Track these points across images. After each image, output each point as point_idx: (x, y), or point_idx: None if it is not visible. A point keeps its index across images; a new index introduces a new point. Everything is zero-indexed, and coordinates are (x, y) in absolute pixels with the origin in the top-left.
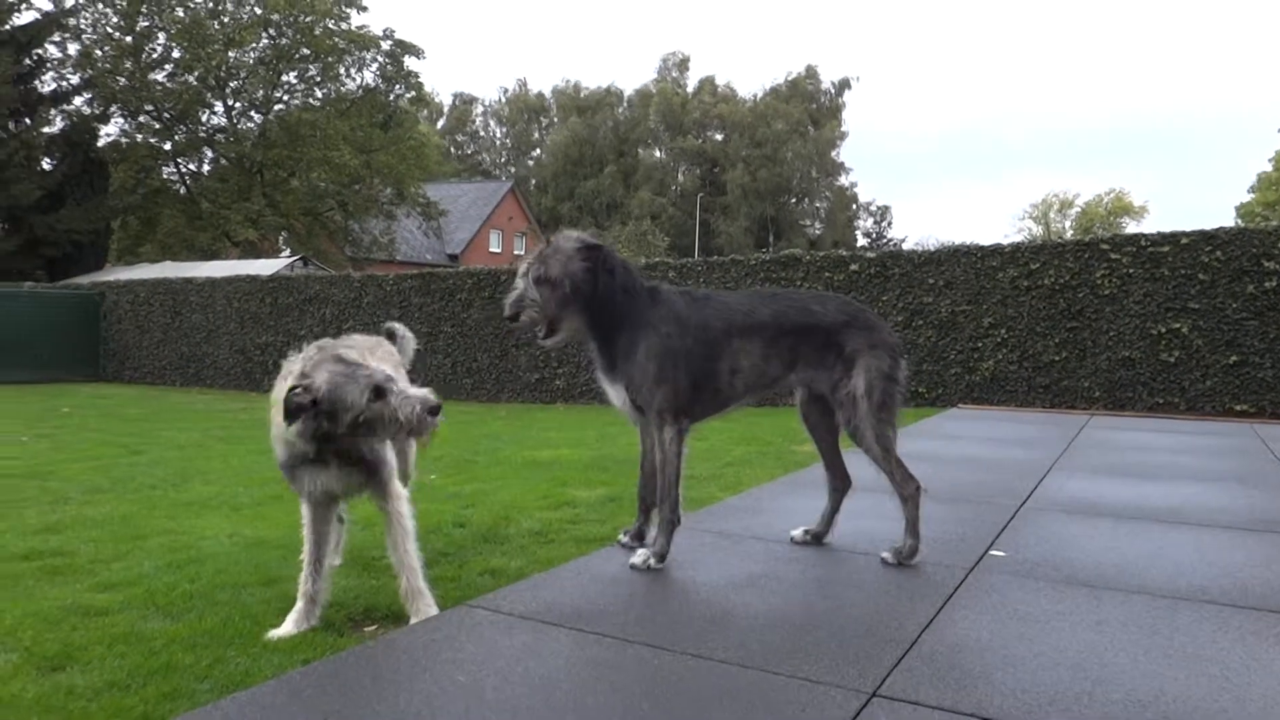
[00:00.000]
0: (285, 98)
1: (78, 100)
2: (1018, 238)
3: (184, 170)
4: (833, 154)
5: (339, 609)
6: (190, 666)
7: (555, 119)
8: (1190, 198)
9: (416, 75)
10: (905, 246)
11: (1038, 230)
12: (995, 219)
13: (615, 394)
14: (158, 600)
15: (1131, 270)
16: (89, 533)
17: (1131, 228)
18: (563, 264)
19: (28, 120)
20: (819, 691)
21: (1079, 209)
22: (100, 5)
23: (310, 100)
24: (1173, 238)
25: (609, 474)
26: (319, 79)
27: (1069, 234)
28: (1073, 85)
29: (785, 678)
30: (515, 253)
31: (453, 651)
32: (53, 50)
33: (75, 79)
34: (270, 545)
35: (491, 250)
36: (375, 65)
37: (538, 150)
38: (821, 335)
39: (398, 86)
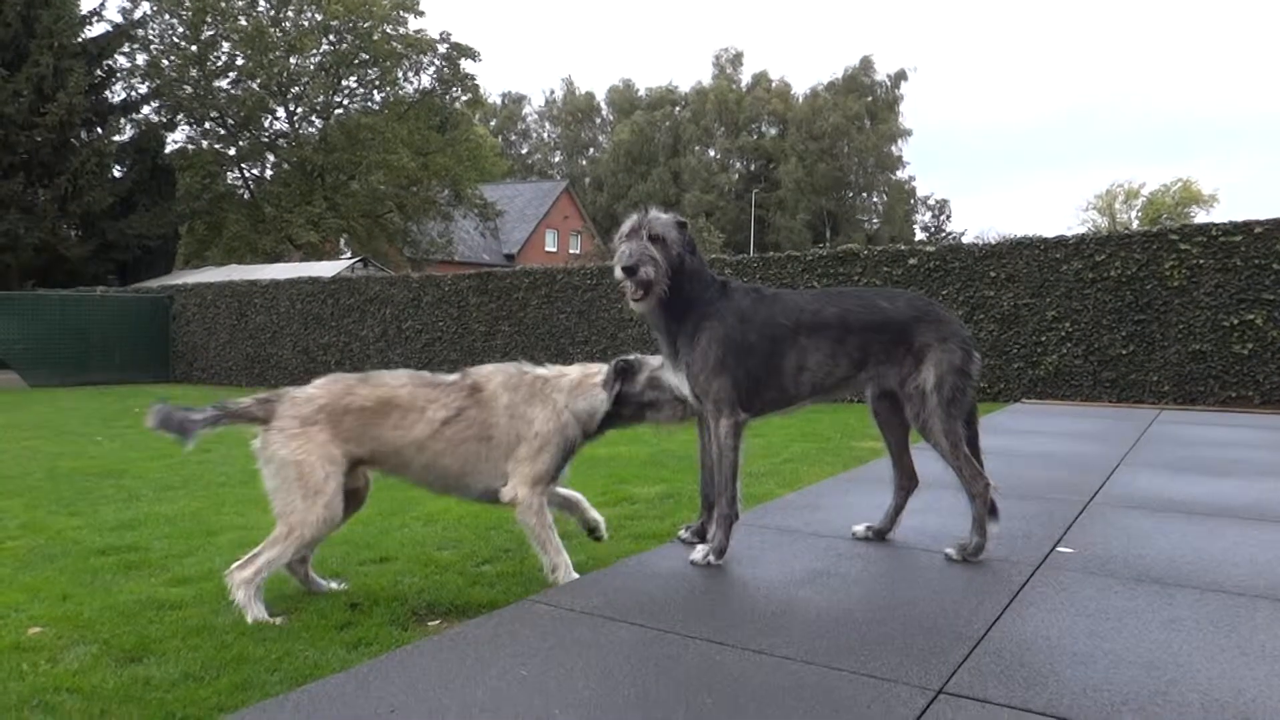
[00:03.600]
0: (345, 102)
1: (146, 109)
2: (1081, 229)
3: (247, 175)
4: (890, 147)
5: (402, 603)
6: (260, 659)
7: (609, 118)
8: (1262, 186)
9: (473, 78)
10: (964, 240)
11: (1102, 222)
12: (1057, 212)
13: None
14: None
15: (1202, 261)
16: (162, 529)
17: (1200, 217)
18: (669, 229)
19: (99, 129)
20: (884, 688)
21: (1145, 199)
22: (167, 16)
23: (369, 104)
24: (1245, 227)
25: (667, 470)
26: (377, 83)
27: (1135, 225)
28: (1135, 74)
29: (849, 674)
30: (570, 252)
31: (516, 645)
32: (122, 61)
33: (144, 88)
34: (333, 541)
35: (547, 250)
36: (432, 69)
37: (590, 149)
38: (891, 331)
39: (454, 89)
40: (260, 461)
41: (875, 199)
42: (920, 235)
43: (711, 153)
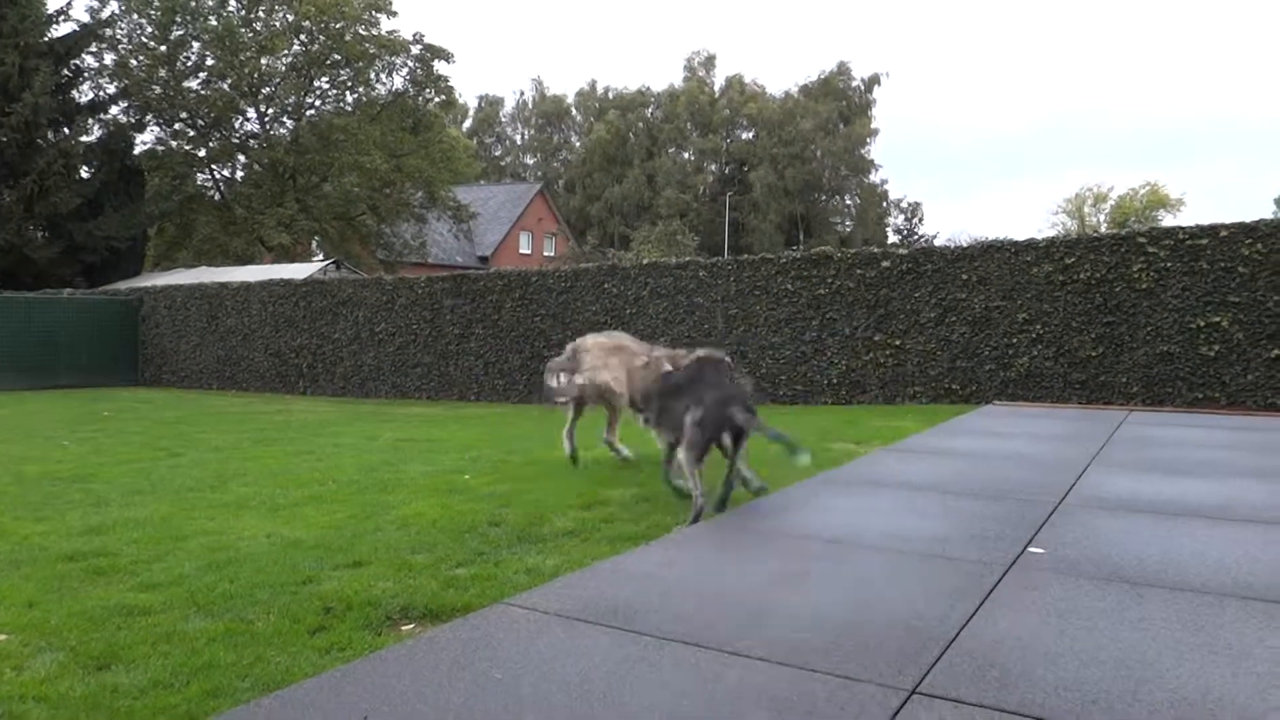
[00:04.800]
0: (317, 103)
1: (114, 109)
2: (1051, 233)
3: (218, 176)
4: (862, 151)
5: (375, 607)
6: (231, 665)
7: (579, 121)
8: (1227, 190)
9: (446, 79)
10: (937, 243)
11: (1072, 225)
12: (1029, 216)
13: None
14: (198, 600)
15: (1169, 264)
16: (131, 534)
17: (1168, 221)
18: None
19: (66, 129)
20: (858, 689)
21: (1113, 202)
22: (135, 16)
23: (341, 105)
24: (1211, 230)
25: (642, 474)
26: (350, 84)
27: (1104, 228)
28: (1102, 81)
29: (823, 675)
30: (545, 254)
31: (490, 650)
32: (90, 61)
33: (112, 88)
34: (306, 545)
35: (522, 251)
36: (405, 70)
37: (563, 152)
38: None
39: (427, 90)
40: None
41: (848, 202)
42: (893, 238)
43: (686, 155)
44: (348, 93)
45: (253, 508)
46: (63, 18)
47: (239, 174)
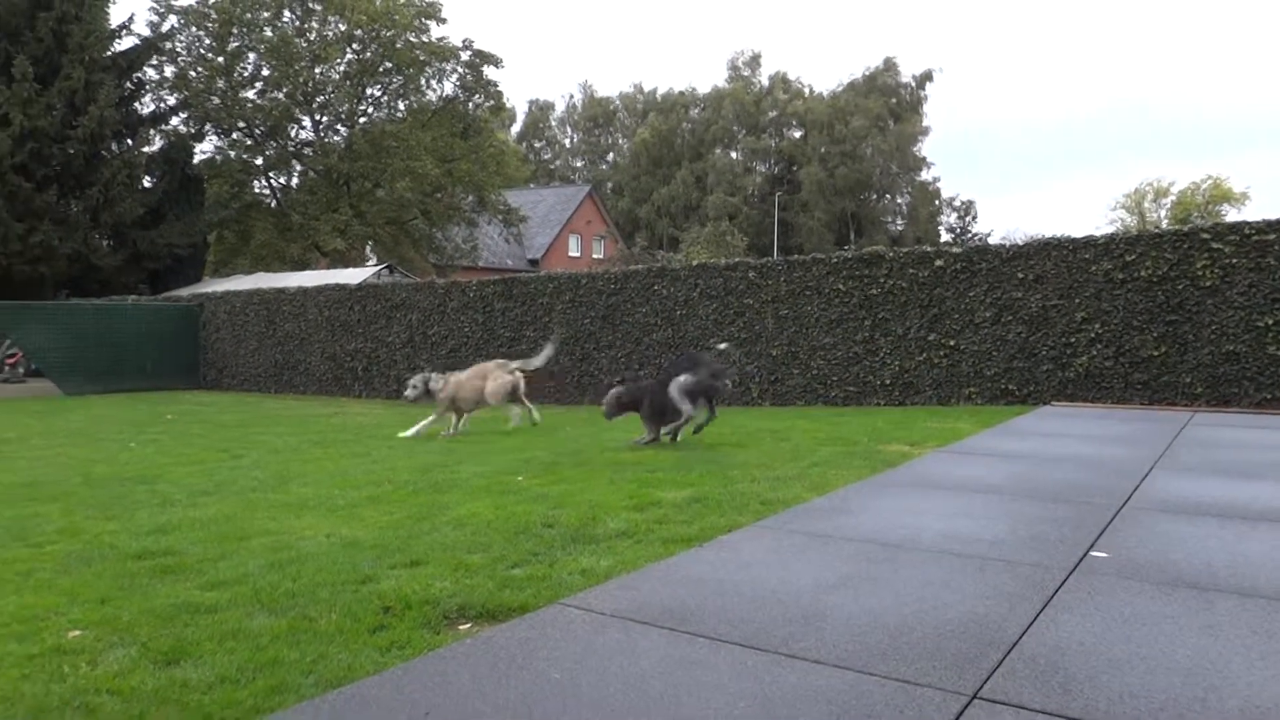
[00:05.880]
0: (369, 110)
1: (175, 120)
2: (1110, 229)
3: (274, 184)
4: (914, 149)
5: (433, 606)
6: (295, 662)
7: (626, 123)
8: None
9: (495, 84)
10: (991, 241)
11: (1131, 221)
12: (1086, 212)
13: None
14: (262, 598)
15: (1235, 260)
16: (196, 533)
17: (1232, 215)
18: None
19: (129, 141)
20: (917, 693)
21: (1174, 197)
22: (194, 29)
23: (393, 112)
24: (1279, 225)
25: (694, 475)
26: (401, 91)
27: (1165, 224)
28: (1161, 72)
29: (881, 679)
30: (594, 256)
31: (548, 649)
32: (151, 73)
33: (172, 100)
34: (365, 545)
35: (571, 254)
36: (455, 76)
37: (610, 155)
38: None
39: (477, 96)
40: None
41: (899, 200)
42: (945, 237)
43: (734, 155)
44: (399, 100)
45: (312, 508)
46: (125, 32)
47: (294, 181)
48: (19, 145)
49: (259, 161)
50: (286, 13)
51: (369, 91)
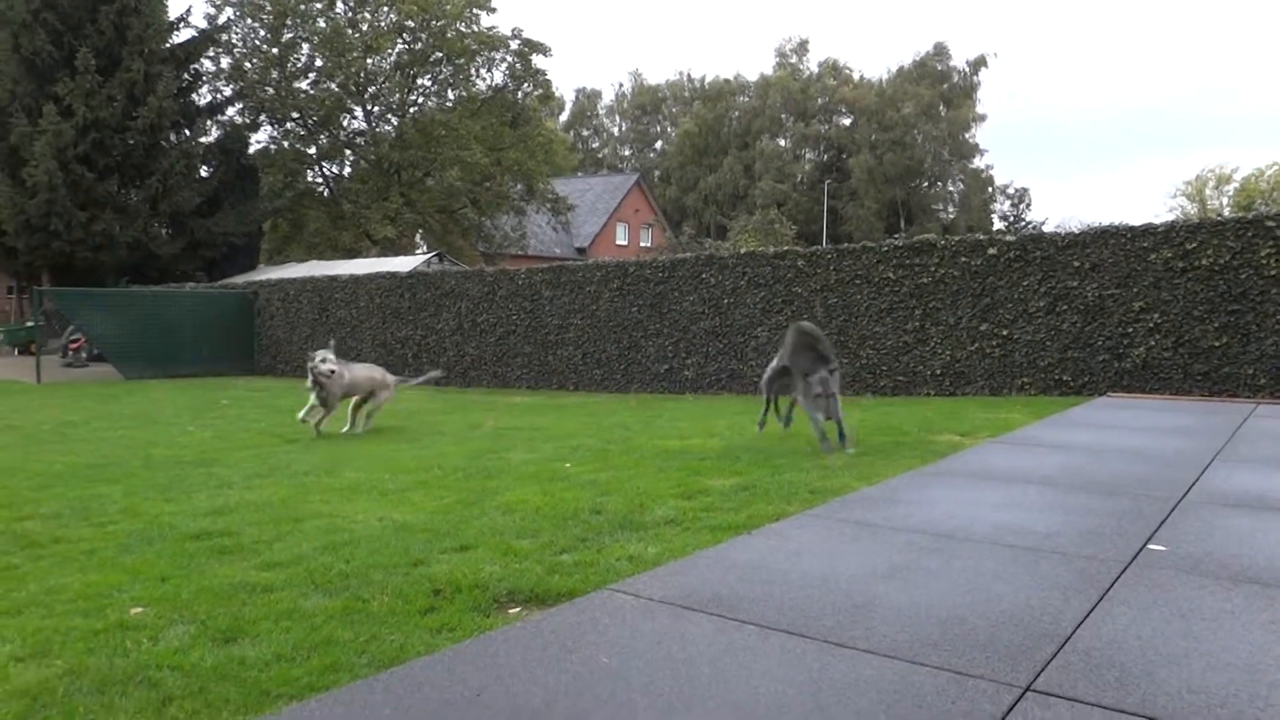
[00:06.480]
0: (420, 100)
1: (230, 110)
2: (1169, 217)
3: (327, 173)
4: (966, 135)
5: (483, 590)
6: (349, 641)
7: (673, 111)
8: None
9: (544, 73)
10: (1045, 229)
11: (1192, 209)
12: (1144, 200)
13: None
14: (316, 579)
15: None
16: (251, 515)
17: None
18: None
19: (187, 131)
20: (969, 685)
21: (1237, 184)
22: (249, 20)
23: (443, 101)
24: None
25: (741, 463)
26: (451, 81)
27: (1227, 211)
28: (1222, 56)
29: (932, 669)
30: (641, 244)
31: (597, 634)
32: (207, 65)
33: (228, 91)
34: (416, 529)
35: (618, 243)
36: (504, 65)
37: (659, 143)
38: None
39: (526, 84)
40: None
41: (951, 188)
42: (998, 224)
43: (782, 142)
44: (449, 89)
45: (364, 492)
46: (183, 25)
47: (347, 170)
48: (82, 135)
49: (312, 151)
50: (339, 4)
51: (419, 81)
